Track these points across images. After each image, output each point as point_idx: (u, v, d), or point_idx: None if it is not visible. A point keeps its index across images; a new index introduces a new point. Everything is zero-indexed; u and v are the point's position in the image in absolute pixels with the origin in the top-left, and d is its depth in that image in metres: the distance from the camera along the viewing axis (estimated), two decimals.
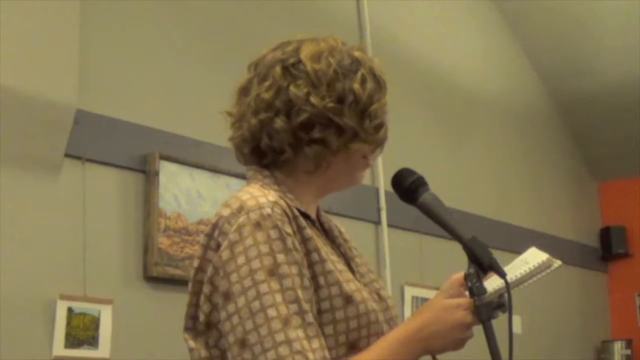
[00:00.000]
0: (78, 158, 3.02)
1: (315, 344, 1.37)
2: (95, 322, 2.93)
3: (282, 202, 1.46)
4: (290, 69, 1.53)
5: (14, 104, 2.76)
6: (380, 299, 1.59)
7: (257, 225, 1.41)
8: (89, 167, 3.05)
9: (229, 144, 1.63)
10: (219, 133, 1.72)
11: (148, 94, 3.32)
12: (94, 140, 3.07)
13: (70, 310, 2.87)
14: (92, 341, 2.91)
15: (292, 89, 1.51)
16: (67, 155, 2.98)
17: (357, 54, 1.57)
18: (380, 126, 1.56)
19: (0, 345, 2.67)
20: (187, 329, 1.49)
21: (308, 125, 1.50)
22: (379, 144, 1.58)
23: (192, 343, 1.47)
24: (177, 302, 1.53)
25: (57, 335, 2.83)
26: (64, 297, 2.86)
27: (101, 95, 3.14)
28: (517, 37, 5.71)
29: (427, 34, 4.94)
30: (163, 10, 3.45)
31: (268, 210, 1.42)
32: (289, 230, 1.43)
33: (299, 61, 1.53)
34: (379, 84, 1.57)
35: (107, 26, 3.22)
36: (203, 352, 1.46)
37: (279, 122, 1.51)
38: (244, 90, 1.59)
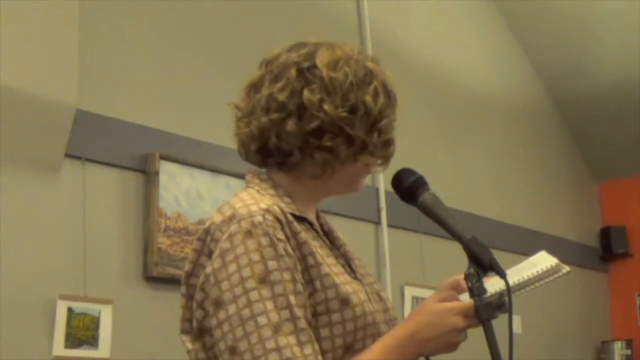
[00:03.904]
0: (78, 158, 3.02)
1: (308, 349, 1.38)
2: (95, 322, 2.93)
3: (275, 209, 1.46)
4: (305, 72, 1.52)
5: (14, 104, 2.76)
6: (381, 299, 1.59)
7: (248, 233, 1.41)
8: (89, 167, 3.05)
9: (229, 144, 1.63)
10: (219, 133, 1.72)
11: (148, 93, 3.32)
12: (94, 140, 3.07)
13: (70, 310, 2.87)
14: (92, 341, 2.91)
15: (306, 93, 1.50)
16: (67, 155, 2.98)
17: (370, 65, 1.56)
18: (389, 142, 1.56)
19: (0, 345, 2.67)
20: (184, 331, 1.49)
21: (319, 131, 1.50)
22: (386, 159, 1.59)
23: (189, 345, 1.47)
24: (177, 302, 1.53)
25: (57, 335, 2.83)
26: (64, 297, 2.86)
27: (101, 95, 3.14)
28: (517, 37, 5.71)
29: (427, 34, 4.95)
30: (163, 10, 3.45)
31: (259, 218, 1.43)
32: (281, 236, 1.43)
33: (314, 66, 1.52)
34: (390, 99, 1.57)
35: (107, 26, 3.23)
36: (200, 354, 1.46)
37: (291, 125, 1.50)
38: (254, 87, 1.58)
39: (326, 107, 1.49)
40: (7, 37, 2.73)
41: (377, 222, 4.29)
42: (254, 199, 1.48)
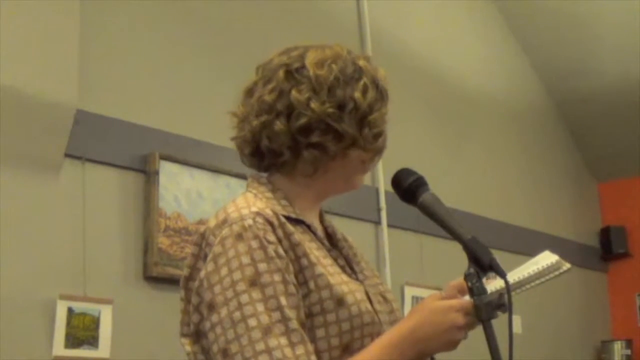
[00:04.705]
0: (78, 158, 3.02)
1: (300, 350, 1.38)
2: (95, 322, 2.93)
3: (267, 211, 1.48)
4: (294, 73, 1.55)
5: (14, 104, 2.76)
6: (386, 301, 1.59)
7: (239, 236, 1.43)
8: (89, 167, 3.05)
9: (229, 144, 1.64)
10: (219, 133, 1.72)
11: (148, 94, 3.33)
12: (94, 140, 3.07)
13: (70, 310, 2.87)
14: (92, 341, 2.91)
15: (294, 93, 1.52)
16: (67, 155, 2.98)
17: (361, 62, 1.58)
18: (379, 135, 1.57)
19: (0, 345, 2.67)
20: (183, 334, 1.51)
21: (307, 129, 1.52)
22: (377, 152, 1.60)
23: (188, 348, 1.49)
24: (177, 302, 1.53)
25: (57, 335, 2.83)
26: (64, 297, 2.86)
27: (101, 95, 3.14)
28: (517, 37, 5.71)
29: (427, 34, 4.95)
30: (163, 10, 3.45)
31: (249, 221, 1.44)
32: (272, 238, 1.44)
33: (303, 66, 1.55)
34: (381, 94, 1.58)
35: (107, 26, 3.23)
36: (200, 356, 1.47)
37: (279, 125, 1.52)
38: (249, 92, 1.60)
39: (313, 104, 1.51)
40: (7, 37, 2.73)
41: (377, 222, 4.29)
42: (247, 202, 1.50)
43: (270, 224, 1.46)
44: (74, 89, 2.93)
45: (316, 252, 1.51)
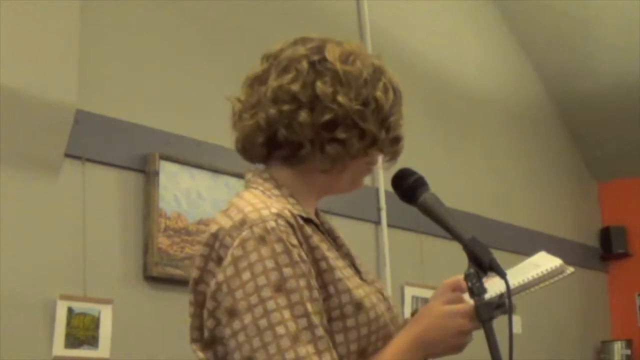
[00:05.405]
0: (78, 158, 3.02)
1: (326, 358, 1.36)
2: (95, 322, 2.93)
3: (286, 213, 1.43)
4: (317, 65, 1.51)
5: (14, 104, 2.76)
6: (385, 299, 1.59)
7: (261, 239, 1.37)
8: (89, 167, 3.05)
9: (229, 144, 1.61)
10: (219, 133, 1.72)
11: (148, 94, 3.32)
12: (94, 140, 3.07)
13: (70, 310, 2.87)
14: (92, 341, 2.91)
15: (319, 84, 1.48)
16: (67, 155, 2.98)
17: (377, 62, 1.56)
18: (398, 139, 1.56)
19: (0, 345, 2.67)
20: (194, 340, 1.46)
21: (332, 124, 1.48)
22: (394, 155, 1.59)
23: (200, 354, 1.44)
24: (177, 302, 1.53)
25: (57, 335, 2.83)
26: (64, 297, 2.86)
27: (101, 95, 3.14)
28: (517, 37, 5.71)
29: (427, 34, 4.95)
30: (163, 10, 3.45)
31: (272, 224, 1.39)
32: (295, 241, 1.40)
33: (325, 59, 1.51)
34: (397, 96, 1.57)
35: (107, 26, 3.23)
36: None
37: (304, 116, 1.48)
38: (258, 79, 1.55)
39: (340, 99, 1.48)
40: (7, 37, 2.73)
41: (377, 222, 4.29)
42: (263, 202, 1.45)
43: (291, 226, 1.41)
44: (74, 89, 2.93)
45: (330, 254, 1.48)
